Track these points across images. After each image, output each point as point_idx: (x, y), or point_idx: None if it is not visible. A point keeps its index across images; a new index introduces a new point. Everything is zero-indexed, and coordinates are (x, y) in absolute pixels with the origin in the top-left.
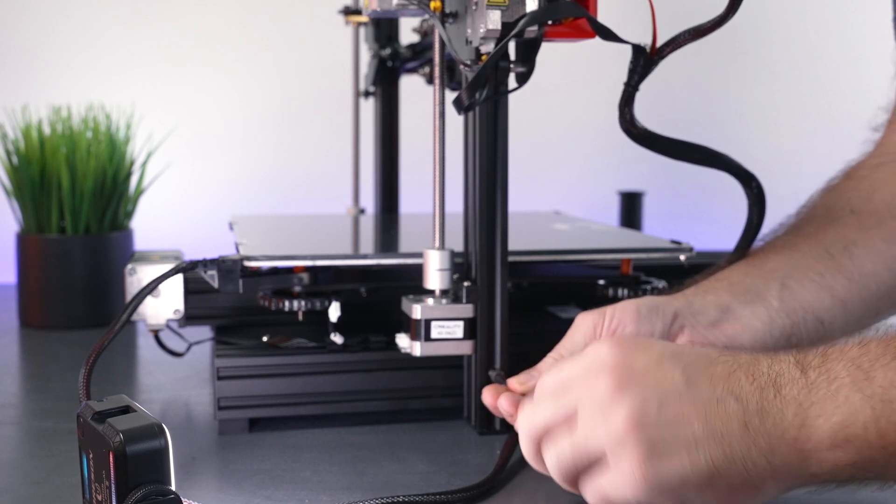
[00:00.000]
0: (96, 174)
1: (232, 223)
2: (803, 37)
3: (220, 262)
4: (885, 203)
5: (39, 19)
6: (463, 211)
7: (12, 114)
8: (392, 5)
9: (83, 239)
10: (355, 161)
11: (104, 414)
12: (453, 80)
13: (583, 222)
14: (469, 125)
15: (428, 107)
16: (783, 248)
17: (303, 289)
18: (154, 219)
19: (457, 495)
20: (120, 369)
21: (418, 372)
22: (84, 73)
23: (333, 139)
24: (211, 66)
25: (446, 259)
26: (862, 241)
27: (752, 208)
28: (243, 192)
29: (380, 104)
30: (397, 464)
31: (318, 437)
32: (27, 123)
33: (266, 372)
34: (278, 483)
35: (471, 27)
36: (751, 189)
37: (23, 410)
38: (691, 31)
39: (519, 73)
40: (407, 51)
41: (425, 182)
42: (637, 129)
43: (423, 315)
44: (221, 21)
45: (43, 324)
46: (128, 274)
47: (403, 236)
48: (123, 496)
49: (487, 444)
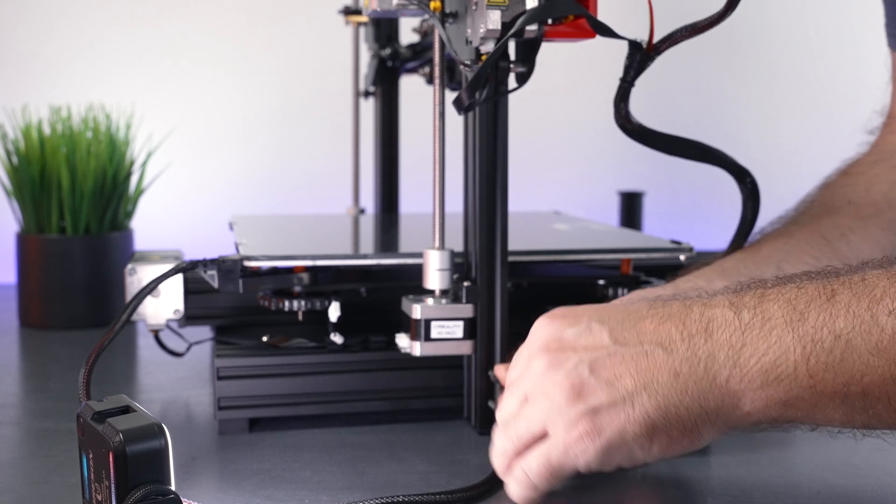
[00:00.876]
0: (96, 174)
1: (232, 223)
2: (803, 37)
3: (220, 262)
4: (882, 195)
5: (39, 19)
6: (463, 211)
7: (12, 114)
8: (392, 5)
9: (83, 239)
10: (355, 161)
11: (104, 414)
12: (453, 80)
13: (583, 222)
14: (469, 125)
15: (428, 107)
16: (778, 237)
17: (303, 289)
18: (154, 219)
19: (457, 495)
20: (120, 369)
21: (418, 372)
22: (84, 73)
23: (333, 139)
24: (211, 66)
25: (446, 259)
26: (860, 229)
27: (746, 203)
28: (243, 192)
29: (380, 104)
30: (397, 464)
31: (318, 437)
32: (27, 123)
33: (266, 372)
34: (278, 483)
35: (471, 27)
36: (745, 184)
37: (23, 410)
38: (688, 27)
39: (519, 73)
40: (407, 51)
41: (425, 182)
42: (632, 125)
43: (423, 315)
44: (221, 21)
45: (43, 324)
46: (128, 274)
47: (403, 236)
48: (123, 496)
49: (487, 444)
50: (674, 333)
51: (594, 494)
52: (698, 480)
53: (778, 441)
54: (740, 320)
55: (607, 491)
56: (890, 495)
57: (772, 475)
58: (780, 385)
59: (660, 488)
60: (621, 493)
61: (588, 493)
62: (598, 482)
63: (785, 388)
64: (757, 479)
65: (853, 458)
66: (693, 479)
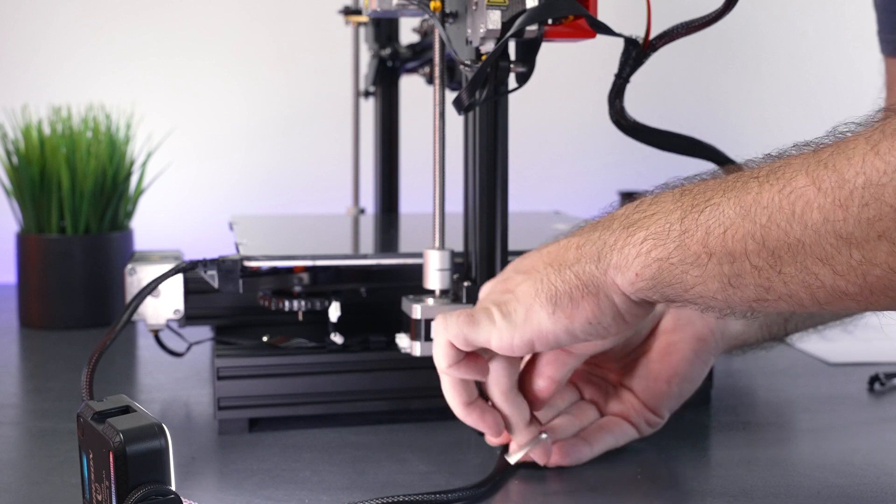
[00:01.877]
0: (96, 174)
1: (232, 223)
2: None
3: (220, 262)
4: None
5: (40, 19)
6: (463, 211)
7: (12, 114)
8: (392, 5)
9: (83, 239)
10: (355, 161)
11: (104, 414)
12: (453, 80)
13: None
14: (469, 125)
15: (428, 107)
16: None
17: (303, 289)
18: (154, 219)
19: (457, 495)
20: (120, 369)
21: (418, 372)
22: (84, 73)
23: (333, 139)
24: (211, 66)
25: (446, 259)
26: None
27: None
28: (243, 191)
29: (380, 104)
30: (397, 464)
31: (318, 437)
32: (27, 123)
33: (266, 372)
34: (278, 483)
35: (471, 27)
36: None
37: (23, 410)
38: (685, 24)
39: (519, 73)
40: (407, 51)
41: (425, 182)
42: (627, 121)
43: (423, 315)
44: (221, 21)
45: (43, 324)
46: (128, 274)
47: (403, 236)
48: (123, 496)
49: (487, 444)
50: (585, 229)
51: (594, 494)
52: (698, 480)
53: (778, 441)
54: (636, 206)
55: (607, 491)
56: (890, 495)
57: (772, 475)
58: (657, 240)
59: (660, 488)
60: (621, 493)
61: (588, 493)
62: (599, 482)
63: (661, 245)
64: (757, 479)
65: (853, 457)
66: (693, 479)
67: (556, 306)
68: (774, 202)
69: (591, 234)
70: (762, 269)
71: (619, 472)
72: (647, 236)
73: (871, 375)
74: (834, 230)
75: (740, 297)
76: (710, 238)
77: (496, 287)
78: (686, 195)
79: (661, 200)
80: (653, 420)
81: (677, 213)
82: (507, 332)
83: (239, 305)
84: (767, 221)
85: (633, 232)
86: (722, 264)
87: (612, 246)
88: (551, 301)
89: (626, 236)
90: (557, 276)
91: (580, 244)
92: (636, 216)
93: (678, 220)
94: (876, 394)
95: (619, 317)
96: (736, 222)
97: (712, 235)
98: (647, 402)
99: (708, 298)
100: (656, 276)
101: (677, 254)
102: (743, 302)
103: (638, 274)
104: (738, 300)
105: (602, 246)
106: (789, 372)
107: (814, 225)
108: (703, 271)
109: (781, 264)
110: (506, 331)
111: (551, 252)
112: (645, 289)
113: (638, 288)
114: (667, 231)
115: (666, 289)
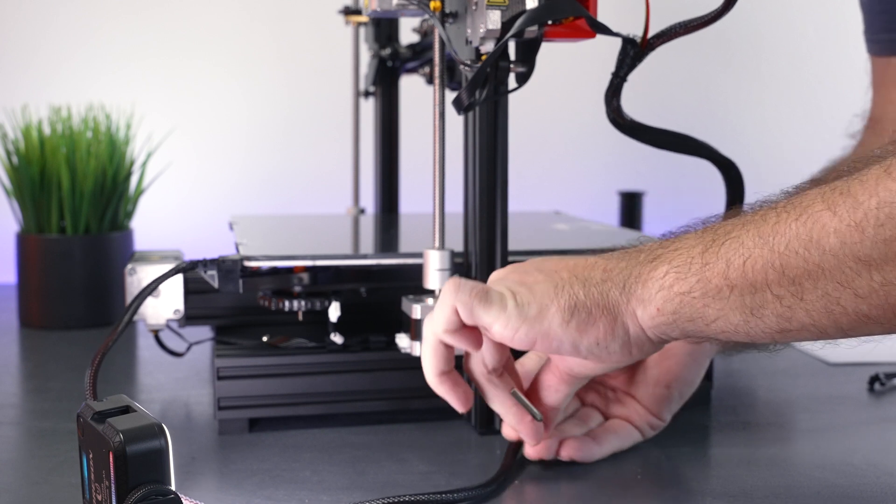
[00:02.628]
0: (96, 174)
1: (232, 223)
2: (802, 35)
3: (220, 262)
4: None
5: (40, 19)
6: (463, 211)
7: (12, 114)
8: (392, 5)
9: (83, 239)
10: (355, 161)
11: (104, 414)
12: (453, 80)
13: (583, 222)
14: (469, 125)
15: (428, 107)
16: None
17: (303, 289)
18: (154, 219)
19: (457, 495)
20: (120, 369)
21: (418, 372)
22: (84, 73)
23: (333, 139)
24: (211, 66)
25: (446, 259)
26: None
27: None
28: (243, 191)
29: (380, 104)
30: (397, 464)
31: (318, 437)
32: (27, 123)
33: (266, 372)
34: (278, 483)
35: (471, 27)
36: (730, 177)
37: (23, 410)
38: (683, 24)
39: (519, 73)
40: (407, 51)
41: (425, 182)
42: (623, 120)
43: (423, 315)
44: (221, 21)
45: (43, 324)
46: (128, 274)
47: (403, 236)
48: (123, 496)
49: (487, 444)
50: (614, 253)
51: (594, 494)
52: (698, 480)
53: (778, 441)
54: (661, 242)
55: (607, 490)
56: (890, 495)
57: (772, 475)
58: (679, 274)
59: (660, 488)
60: (621, 493)
61: (588, 493)
62: (599, 481)
63: (683, 279)
64: (757, 479)
65: (853, 457)
66: (693, 479)
67: (572, 317)
68: (792, 230)
69: (618, 263)
70: (783, 297)
71: (619, 472)
72: (670, 270)
73: (871, 375)
74: (852, 253)
75: (762, 328)
76: (730, 270)
77: (510, 275)
78: (708, 231)
79: (685, 237)
80: (655, 423)
81: (699, 247)
82: (514, 322)
83: (239, 305)
84: (785, 249)
85: (657, 266)
86: (743, 296)
87: (636, 277)
88: (569, 310)
89: (650, 270)
90: (581, 289)
91: (608, 268)
92: (660, 251)
93: (699, 253)
94: (876, 394)
95: (626, 346)
96: (755, 252)
97: (732, 267)
98: (649, 407)
99: (730, 332)
100: (678, 310)
101: (699, 287)
102: (765, 333)
103: (659, 309)
104: (761, 331)
105: (627, 276)
106: (789, 372)
107: (832, 249)
108: (725, 304)
109: (803, 291)
110: (514, 320)
111: (578, 265)
112: (664, 324)
113: (657, 323)
114: (688, 264)
115: (687, 324)
